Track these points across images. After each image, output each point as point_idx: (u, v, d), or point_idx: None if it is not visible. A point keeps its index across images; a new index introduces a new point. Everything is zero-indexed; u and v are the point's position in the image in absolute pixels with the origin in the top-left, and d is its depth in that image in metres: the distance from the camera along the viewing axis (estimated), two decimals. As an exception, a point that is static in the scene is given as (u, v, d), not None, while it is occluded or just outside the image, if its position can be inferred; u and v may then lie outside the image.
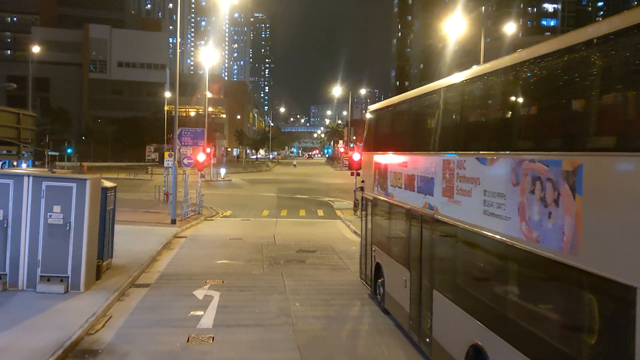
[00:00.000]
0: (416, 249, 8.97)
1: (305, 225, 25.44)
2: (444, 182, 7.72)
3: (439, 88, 8.16)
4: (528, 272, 5.61)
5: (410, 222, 9.33)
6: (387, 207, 10.85)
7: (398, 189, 10.00)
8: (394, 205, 10.31)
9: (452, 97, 7.74)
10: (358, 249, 19.38)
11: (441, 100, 8.09)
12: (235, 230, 23.48)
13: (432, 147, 8.37)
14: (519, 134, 5.89)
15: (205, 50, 61.26)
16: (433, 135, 8.47)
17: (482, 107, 7.04)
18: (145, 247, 18.06)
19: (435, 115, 8.40)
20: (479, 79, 6.84)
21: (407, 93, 10.04)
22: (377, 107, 12.30)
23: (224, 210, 30.61)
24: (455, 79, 7.59)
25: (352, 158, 28.99)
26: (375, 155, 11.78)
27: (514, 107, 5.99)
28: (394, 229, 10.56)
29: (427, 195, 8.46)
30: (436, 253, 8.17)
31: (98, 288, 12.69)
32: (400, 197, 9.90)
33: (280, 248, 19.31)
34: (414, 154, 9.22)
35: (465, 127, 7.39)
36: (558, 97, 5.31)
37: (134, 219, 24.61)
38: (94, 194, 12.71)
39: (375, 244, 11.73)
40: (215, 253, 18.06)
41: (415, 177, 8.99)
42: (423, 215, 8.59)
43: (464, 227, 7.00)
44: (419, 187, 8.81)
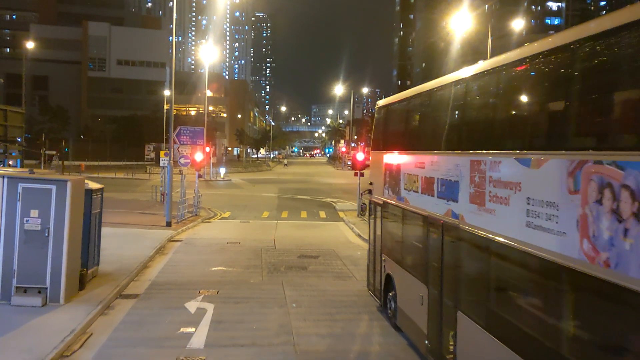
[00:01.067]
0: (436, 263, 7.84)
1: (307, 228, 24.31)
2: (472, 186, 6.58)
3: (466, 77, 7.01)
4: (593, 302, 4.46)
5: (429, 231, 8.20)
6: (399, 212, 9.72)
7: (413, 193, 8.87)
8: (409, 212, 9.19)
9: (485, 86, 6.60)
10: (363, 255, 18.28)
11: (469, 90, 6.96)
12: (233, 234, 22.35)
13: (456, 146, 7.24)
14: (579, 128, 4.75)
15: (205, 48, 60.17)
16: (458, 131, 7.34)
17: (526, 96, 5.87)
18: (136, 252, 16.94)
19: (461, 108, 7.26)
20: (524, 62, 5.65)
21: (425, 85, 8.89)
22: (387, 102, 11.15)
23: (223, 212, 29.49)
24: (489, 65, 6.43)
25: (355, 157, 27.88)
26: (386, 155, 10.66)
27: (571, 95, 4.83)
28: (409, 238, 9.44)
29: (449, 201, 7.33)
30: (462, 269, 7.04)
31: (80, 300, 11.56)
32: (416, 203, 8.77)
33: (281, 253, 18.18)
34: (433, 154, 8.08)
35: (502, 122, 6.24)
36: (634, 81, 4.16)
37: (127, 221, 23.50)
38: (76, 197, 11.58)
39: (386, 253, 10.60)
40: (211, 259, 16.93)
41: (435, 181, 7.85)
42: (445, 225, 7.46)
43: (498, 240, 5.86)
44: (440, 191, 7.68)
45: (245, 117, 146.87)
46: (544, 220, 4.99)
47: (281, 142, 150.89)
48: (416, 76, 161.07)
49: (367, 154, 28.34)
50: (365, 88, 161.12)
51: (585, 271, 4.35)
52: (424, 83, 9.16)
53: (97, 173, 56.46)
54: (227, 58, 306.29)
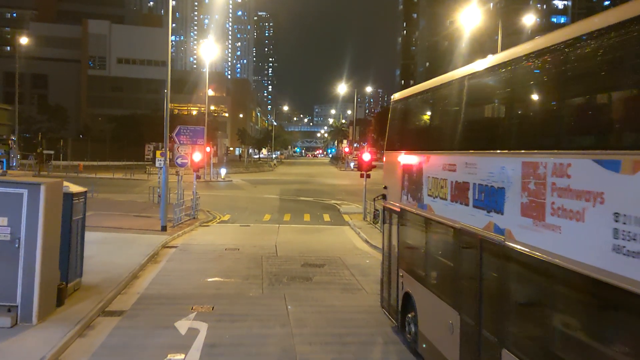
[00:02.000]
0: (471, 286, 6.48)
1: (311, 233, 22.95)
2: (525, 195, 5.22)
3: (520, 56, 5.59)
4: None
5: (461, 246, 6.85)
6: (421, 222, 8.36)
7: (440, 200, 7.51)
8: (434, 222, 7.83)
9: (547, 67, 5.21)
10: (372, 263, 16.93)
11: (522, 75, 5.58)
12: (232, 239, 21.01)
13: (501, 144, 5.87)
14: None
15: (206, 44, 58.87)
16: (504, 127, 5.97)
17: (610, 78, 4.48)
18: (127, 260, 15.60)
19: (509, 98, 5.88)
20: (612, 31, 4.24)
21: (454, 72, 7.51)
22: (405, 95, 9.76)
23: (222, 214, 28.16)
24: (554, 39, 5.01)
25: (361, 158, 26.50)
26: (404, 155, 9.30)
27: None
28: (434, 254, 8.09)
29: (491, 212, 5.97)
30: (511, 297, 5.68)
31: (57, 318, 10.22)
32: (443, 212, 7.41)
33: (283, 261, 16.82)
34: (468, 155, 6.72)
35: (575, 112, 4.87)
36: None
37: (120, 225, 22.18)
38: (52, 202, 10.25)
39: (404, 269, 9.23)
40: (208, 268, 15.58)
41: (471, 187, 6.49)
42: (485, 241, 6.10)
43: (568, 268, 4.50)
44: (478, 200, 6.32)
45: (247, 117, 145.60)
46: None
47: (283, 142, 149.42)
48: (420, 75, 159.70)
49: (374, 154, 27.02)
50: (368, 87, 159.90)
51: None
52: (452, 71, 7.80)
53: (95, 173, 55.16)
54: (229, 57, 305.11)
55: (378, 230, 22.53)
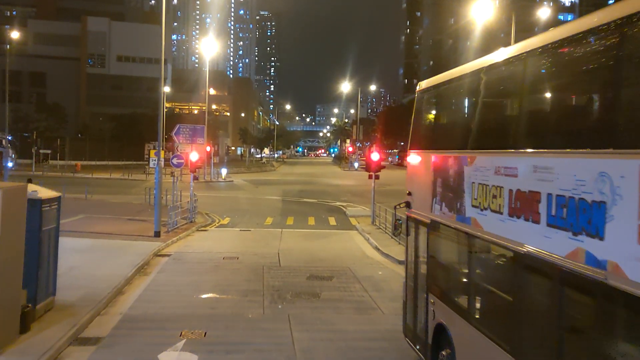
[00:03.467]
0: (545, 333, 4.80)
1: (316, 238, 21.28)
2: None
3: (628, 15, 3.90)
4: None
5: (527, 277, 5.17)
6: (462, 239, 6.69)
7: (492, 214, 5.82)
8: (481, 241, 6.15)
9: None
10: (386, 275, 15.24)
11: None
12: (231, 245, 19.36)
13: (599, 141, 4.18)
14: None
15: (206, 41, 57.27)
16: (605, 116, 4.27)
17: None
18: (112, 271, 13.95)
19: (610, 75, 4.17)
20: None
21: (514, 48, 5.79)
22: (436, 82, 8.03)
23: (222, 217, 26.50)
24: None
25: (370, 158, 24.83)
26: (435, 155, 7.62)
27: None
28: (481, 280, 6.41)
29: (580, 235, 4.29)
30: (607, 355, 3.99)
31: (18, 350, 8.58)
32: (496, 229, 5.72)
33: (287, 272, 15.15)
34: (538, 155, 5.02)
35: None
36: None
37: (111, 230, 20.54)
38: (11, 210, 8.60)
39: (437, 295, 7.54)
40: (202, 281, 13.91)
41: (544, 198, 4.81)
42: (568, 274, 4.41)
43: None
44: (556, 217, 4.63)
45: (249, 116, 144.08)
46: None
47: (285, 141, 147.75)
48: (423, 74, 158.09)
49: (383, 154, 25.33)
50: (372, 86, 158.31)
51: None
52: (503, 48, 6.09)
53: (92, 173, 53.55)
54: (231, 56, 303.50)
55: (389, 236, 20.84)
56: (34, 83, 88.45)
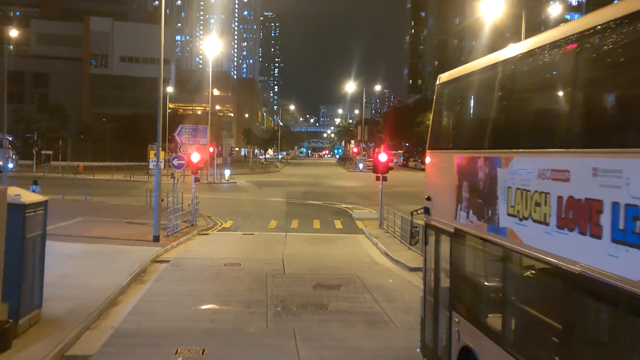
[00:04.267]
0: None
1: (322, 243, 20.41)
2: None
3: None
4: None
5: (585, 302, 4.30)
6: (495, 253, 5.82)
7: (535, 224, 4.95)
8: (521, 256, 5.28)
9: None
10: (397, 284, 14.35)
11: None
12: (233, 250, 18.52)
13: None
14: None
15: (210, 40, 56.51)
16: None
17: None
18: (106, 280, 13.12)
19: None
20: None
21: (553, 32, 4.93)
22: (461, 74, 7.11)
23: (224, 220, 25.66)
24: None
25: (377, 159, 23.95)
26: (461, 155, 6.75)
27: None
28: (522, 302, 5.53)
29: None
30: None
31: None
32: (541, 243, 4.85)
33: (292, 281, 14.30)
34: (602, 154, 4.14)
35: None
36: None
37: (108, 234, 19.72)
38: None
39: (462, 313, 6.66)
40: (202, 290, 13.07)
41: (607, 208, 3.94)
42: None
43: None
44: (627, 231, 3.76)
45: (253, 117, 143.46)
46: None
47: (289, 142, 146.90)
48: (428, 75, 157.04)
49: (390, 154, 24.46)
50: (377, 86, 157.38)
51: None
52: (548, 31, 5.21)
53: (94, 174, 52.83)
54: (235, 57, 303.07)
55: (398, 240, 19.98)
56: (36, 83, 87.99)
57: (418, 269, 15.52)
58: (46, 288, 11.59)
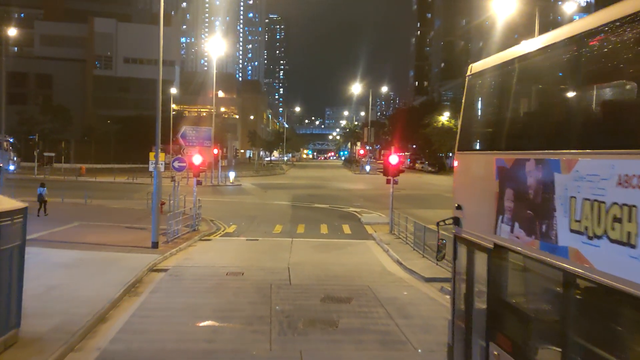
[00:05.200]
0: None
1: (330, 250, 19.33)
2: None
3: None
4: None
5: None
6: (552, 277, 4.73)
7: (614, 245, 3.87)
8: (591, 283, 4.18)
9: None
10: (412, 296, 13.21)
11: None
12: (236, 258, 17.48)
13: None
14: None
15: (214, 40, 55.62)
16: None
17: None
18: (97, 291, 12.09)
19: None
20: None
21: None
22: (503, 61, 5.92)
23: (227, 225, 24.65)
24: None
25: (388, 161, 22.86)
26: (504, 158, 5.66)
27: None
28: (583, 337, 4.43)
29: None
30: None
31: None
32: (624, 270, 3.77)
33: (298, 293, 13.22)
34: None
35: None
36: None
37: (104, 240, 18.72)
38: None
39: (502, 344, 5.57)
40: (201, 304, 12.01)
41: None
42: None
43: None
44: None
45: (258, 119, 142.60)
46: None
47: (295, 144, 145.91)
48: (434, 77, 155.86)
49: (401, 156, 23.38)
50: (384, 87, 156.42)
51: None
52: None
53: (96, 177, 51.95)
54: (240, 59, 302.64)
55: (410, 247, 18.88)
56: (40, 85, 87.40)
57: (434, 279, 14.47)
58: (32, 301, 10.66)
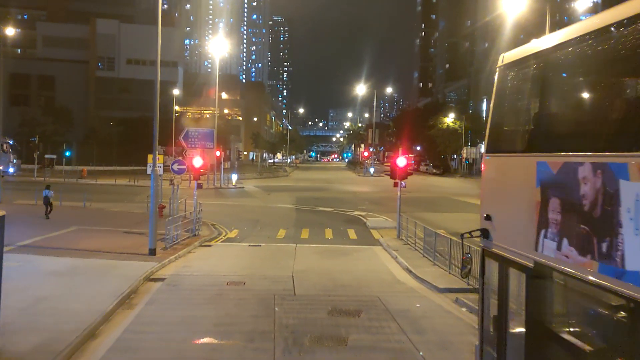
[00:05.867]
0: None
1: (336, 256, 18.48)
2: None
3: None
4: None
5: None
6: (619, 307, 3.88)
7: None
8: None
9: None
10: (425, 308, 12.32)
11: None
12: (238, 265, 16.65)
13: None
14: None
15: (216, 41, 54.89)
16: None
17: None
18: (88, 304, 11.27)
19: None
20: None
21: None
22: (544, 48, 5.09)
23: (229, 229, 23.86)
24: None
25: (395, 163, 22.03)
26: (549, 161, 4.80)
27: None
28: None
29: None
30: None
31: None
32: None
33: (303, 305, 12.39)
34: None
35: None
36: None
37: (100, 247, 17.92)
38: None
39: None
40: (199, 317, 11.17)
41: None
42: None
43: None
44: None
45: (262, 120, 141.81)
46: None
47: (298, 146, 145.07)
48: (439, 78, 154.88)
49: (409, 158, 22.54)
50: (388, 88, 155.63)
51: None
52: None
53: (96, 179, 51.16)
54: (244, 61, 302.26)
55: (420, 254, 18.02)
56: (42, 86, 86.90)
57: (448, 289, 13.60)
58: (18, 315, 9.94)
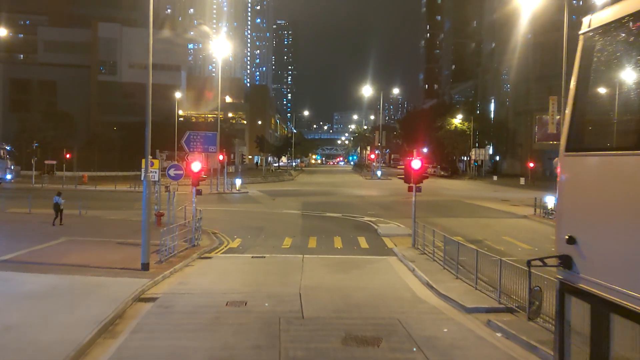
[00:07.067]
0: None
1: (347, 270, 16.81)
2: None
3: None
4: None
5: None
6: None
7: None
8: None
9: None
10: (454, 332, 10.54)
11: None
12: (239, 282, 15.03)
13: None
14: None
15: (219, 42, 53.40)
16: None
17: None
18: (64, 333, 9.69)
19: None
20: None
21: None
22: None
23: (231, 238, 22.28)
24: None
25: (410, 166, 20.37)
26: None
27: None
28: None
29: None
30: None
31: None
32: None
33: (313, 331, 10.72)
34: None
35: None
36: None
37: (89, 261, 16.35)
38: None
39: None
40: (191, 349, 9.55)
41: None
42: None
43: None
44: None
45: (266, 124, 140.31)
46: None
47: (303, 149, 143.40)
48: (445, 79, 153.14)
49: (423, 161, 20.88)
50: (395, 89, 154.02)
51: None
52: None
53: (96, 185, 49.67)
54: (248, 65, 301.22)
55: (440, 266, 16.34)
56: (44, 92, 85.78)
57: (477, 309, 11.94)
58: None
